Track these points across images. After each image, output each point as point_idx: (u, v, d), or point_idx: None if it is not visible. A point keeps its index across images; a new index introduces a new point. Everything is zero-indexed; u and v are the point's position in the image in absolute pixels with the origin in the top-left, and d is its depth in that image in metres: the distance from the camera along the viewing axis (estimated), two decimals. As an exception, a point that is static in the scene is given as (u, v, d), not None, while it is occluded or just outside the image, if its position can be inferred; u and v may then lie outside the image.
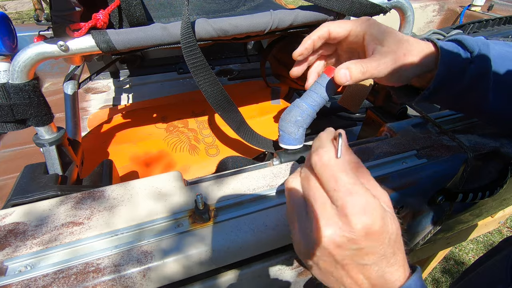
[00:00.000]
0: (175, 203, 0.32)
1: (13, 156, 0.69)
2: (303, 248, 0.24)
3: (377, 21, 0.37)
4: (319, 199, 0.23)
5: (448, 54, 0.35)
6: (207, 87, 0.40)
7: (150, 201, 0.32)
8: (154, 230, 0.30)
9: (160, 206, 0.32)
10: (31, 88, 0.34)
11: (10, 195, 0.34)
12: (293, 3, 4.35)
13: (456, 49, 0.36)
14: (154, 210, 0.31)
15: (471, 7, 1.24)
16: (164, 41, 0.39)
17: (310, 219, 0.24)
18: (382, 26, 0.36)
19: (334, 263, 0.23)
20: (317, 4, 0.43)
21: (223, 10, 0.53)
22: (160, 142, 0.64)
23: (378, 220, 0.22)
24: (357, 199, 0.22)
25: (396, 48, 0.35)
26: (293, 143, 0.39)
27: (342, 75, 0.34)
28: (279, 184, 0.35)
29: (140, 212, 0.31)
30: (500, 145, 0.40)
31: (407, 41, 0.36)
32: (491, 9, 1.22)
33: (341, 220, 0.22)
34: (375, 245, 0.22)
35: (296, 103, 0.39)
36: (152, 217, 0.31)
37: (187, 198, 0.33)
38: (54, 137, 0.38)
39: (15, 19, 4.13)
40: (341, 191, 0.22)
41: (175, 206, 0.32)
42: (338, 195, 0.22)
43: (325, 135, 0.26)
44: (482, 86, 0.35)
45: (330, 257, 0.23)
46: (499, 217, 0.84)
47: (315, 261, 0.24)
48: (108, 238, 0.29)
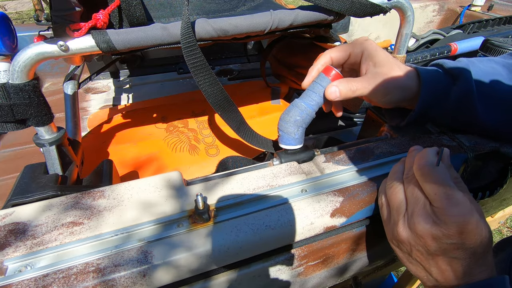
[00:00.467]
0: (175, 203, 0.32)
1: (13, 156, 0.69)
2: (403, 236, 0.29)
3: (373, 42, 0.40)
4: (421, 199, 0.28)
5: (430, 80, 0.38)
6: (207, 87, 0.40)
7: (150, 201, 0.32)
8: (154, 230, 0.30)
9: (160, 206, 0.32)
10: (31, 88, 0.34)
11: (10, 195, 0.34)
12: (293, 3, 4.35)
13: (437, 73, 0.39)
14: (154, 210, 0.31)
15: (471, 7, 1.24)
16: (164, 41, 0.39)
17: (413, 215, 0.28)
18: (378, 47, 0.39)
19: (426, 253, 0.28)
20: (317, 4, 0.43)
21: (223, 10, 0.53)
22: (160, 142, 0.64)
23: (472, 222, 0.26)
24: (454, 202, 0.26)
25: (387, 71, 0.38)
26: (293, 143, 0.39)
27: (332, 92, 0.37)
28: (279, 185, 0.35)
29: (140, 212, 0.31)
30: (500, 145, 0.40)
31: (398, 66, 0.39)
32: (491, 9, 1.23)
33: (440, 218, 0.27)
34: (467, 243, 0.26)
35: (295, 103, 0.39)
36: (152, 217, 0.31)
37: (187, 198, 0.33)
38: (54, 137, 0.38)
39: (15, 19, 4.13)
40: (441, 195, 0.27)
41: (175, 206, 0.32)
42: (437, 198, 0.27)
43: (430, 149, 0.32)
44: (468, 106, 0.37)
45: (424, 248, 0.28)
46: (499, 217, 0.84)
47: (409, 250, 0.29)
48: (108, 238, 0.29)
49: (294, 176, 0.36)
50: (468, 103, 0.37)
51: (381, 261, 0.45)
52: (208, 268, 0.30)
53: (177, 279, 0.29)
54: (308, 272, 0.37)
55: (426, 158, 0.30)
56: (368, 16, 0.45)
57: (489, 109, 0.37)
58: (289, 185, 0.35)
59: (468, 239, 0.26)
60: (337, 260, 0.38)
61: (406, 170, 0.32)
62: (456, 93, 0.37)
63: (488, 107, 0.37)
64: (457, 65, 0.38)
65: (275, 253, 0.33)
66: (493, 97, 0.37)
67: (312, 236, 0.33)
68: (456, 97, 0.37)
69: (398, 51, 0.52)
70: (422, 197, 0.29)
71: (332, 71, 0.39)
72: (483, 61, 0.40)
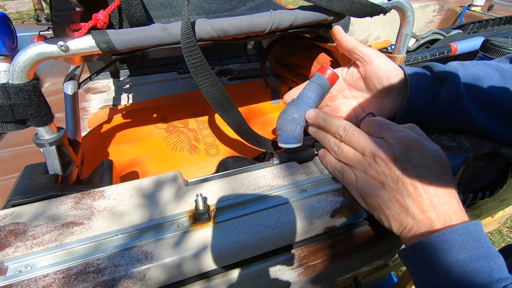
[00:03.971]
0: (175, 203, 0.32)
1: (13, 156, 0.69)
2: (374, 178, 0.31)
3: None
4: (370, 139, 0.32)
5: (417, 81, 0.39)
6: (207, 87, 0.40)
7: (150, 201, 0.32)
8: (154, 230, 0.30)
9: (160, 206, 0.32)
10: (31, 88, 0.34)
11: (10, 195, 0.34)
12: (293, 3, 4.35)
13: (425, 75, 0.39)
14: (154, 210, 0.31)
15: (471, 7, 1.24)
16: (164, 41, 0.39)
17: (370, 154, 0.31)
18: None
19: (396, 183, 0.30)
20: (317, 4, 0.43)
21: (223, 10, 0.53)
22: (160, 142, 0.64)
23: (412, 135, 0.31)
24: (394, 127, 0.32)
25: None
26: (292, 141, 0.39)
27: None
28: (279, 185, 0.35)
29: (140, 212, 0.31)
30: (500, 145, 0.40)
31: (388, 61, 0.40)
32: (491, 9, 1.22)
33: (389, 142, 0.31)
34: (421, 157, 0.30)
35: (292, 102, 0.40)
36: (152, 217, 0.31)
37: (187, 198, 0.33)
38: (54, 137, 0.38)
39: (15, 19, 4.13)
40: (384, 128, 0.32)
41: (175, 206, 0.32)
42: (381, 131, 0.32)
43: None
44: (461, 108, 0.38)
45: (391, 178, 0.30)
46: (499, 217, 0.84)
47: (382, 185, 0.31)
48: (108, 238, 0.29)
49: (294, 176, 0.36)
50: (460, 105, 0.38)
51: (381, 261, 0.45)
52: (208, 268, 0.30)
53: (177, 280, 0.29)
54: (308, 272, 0.37)
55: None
56: (368, 16, 0.45)
57: (483, 112, 0.38)
58: (289, 185, 0.35)
59: (420, 154, 0.30)
60: (337, 260, 0.38)
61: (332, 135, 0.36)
62: (445, 95, 0.38)
63: (482, 109, 0.38)
64: (445, 68, 0.39)
65: (275, 253, 0.33)
66: (485, 100, 0.38)
67: (312, 236, 0.33)
68: (446, 99, 0.38)
69: (398, 51, 0.52)
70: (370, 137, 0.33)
71: (327, 70, 0.40)
72: (478, 64, 0.40)
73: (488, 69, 0.39)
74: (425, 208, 0.29)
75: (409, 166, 0.29)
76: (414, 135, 0.31)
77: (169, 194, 0.33)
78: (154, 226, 0.30)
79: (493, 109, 0.38)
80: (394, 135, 0.31)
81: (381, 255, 0.43)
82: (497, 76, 0.38)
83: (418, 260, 0.29)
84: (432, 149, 0.30)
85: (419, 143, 0.30)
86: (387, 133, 0.32)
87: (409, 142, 0.30)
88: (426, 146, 0.30)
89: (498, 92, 0.37)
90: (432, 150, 0.30)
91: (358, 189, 0.33)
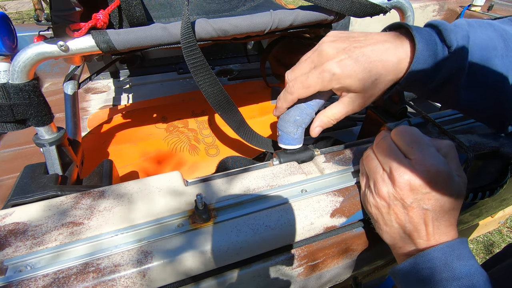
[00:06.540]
0: (175, 203, 0.32)
1: (13, 156, 0.69)
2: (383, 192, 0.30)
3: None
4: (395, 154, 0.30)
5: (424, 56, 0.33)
6: (207, 87, 0.40)
7: (150, 201, 0.32)
8: (154, 230, 0.30)
9: (160, 206, 0.32)
10: (31, 88, 0.34)
11: (10, 195, 0.34)
12: (293, 3, 4.35)
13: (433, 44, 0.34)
14: (154, 210, 0.31)
15: (471, 7, 1.24)
16: (164, 41, 0.39)
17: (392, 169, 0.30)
18: None
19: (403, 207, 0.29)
20: (317, 4, 0.43)
21: (223, 10, 0.53)
22: (160, 142, 0.64)
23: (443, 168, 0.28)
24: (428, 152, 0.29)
25: None
26: (292, 143, 0.39)
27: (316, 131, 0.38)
28: (279, 185, 0.35)
29: (140, 212, 0.31)
30: (500, 145, 0.40)
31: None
32: (491, 9, 1.22)
33: (415, 168, 0.28)
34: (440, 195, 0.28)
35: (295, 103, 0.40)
36: (152, 217, 0.31)
37: (187, 198, 0.33)
38: (54, 137, 0.38)
39: (15, 19, 4.13)
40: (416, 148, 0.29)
41: (175, 206, 0.32)
42: (413, 151, 0.29)
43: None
44: (455, 82, 0.35)
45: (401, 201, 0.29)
46: (499, 217, 0.84)
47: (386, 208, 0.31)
48: (107, 238, 0.29)
49: (294, 176, 0.36)
50: (456, 80, 0.35)
51: (381, 261, 0.45)
52: (208, 268, 0.30)
53: (177, 279, 0.29)
54: (308, 272, 0.37)
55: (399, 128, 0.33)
56: (368, 16, 0.45)
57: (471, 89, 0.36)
58: (289, 185, 0.35)
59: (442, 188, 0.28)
60: (337, 260, 0.38)
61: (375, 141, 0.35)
62: (447, 69, 0.34)
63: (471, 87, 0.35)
64: (456, 35, 0.34)
65: (275, 253, 0.33)
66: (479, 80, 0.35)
67: (312, 236, 0.33)
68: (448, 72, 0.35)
69: (398, 51, 0.52)
70: (397, 151, 0.31)
71: None
72: (483, 26, 0.36)
73: (493, 35, 0.35)
74: (421, 235, 0.29)
75: (425, 198, 0.29)
76: (446, 168, 0.29)
77: (169, 194, 0.33)
78: (154, 226, 0.30)
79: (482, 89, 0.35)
80: (424, 161, 0.29)
81: (381, 255, 0.43)
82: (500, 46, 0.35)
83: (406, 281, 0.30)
84: (455, 186, 0.29)
85: (446, 178, 0.29)
86: (417, 155, 0.29)
87: (436, 175, 0.28)
88: (451, 184, 0.29)
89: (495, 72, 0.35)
90: (455, 187, 0.29)
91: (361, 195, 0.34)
